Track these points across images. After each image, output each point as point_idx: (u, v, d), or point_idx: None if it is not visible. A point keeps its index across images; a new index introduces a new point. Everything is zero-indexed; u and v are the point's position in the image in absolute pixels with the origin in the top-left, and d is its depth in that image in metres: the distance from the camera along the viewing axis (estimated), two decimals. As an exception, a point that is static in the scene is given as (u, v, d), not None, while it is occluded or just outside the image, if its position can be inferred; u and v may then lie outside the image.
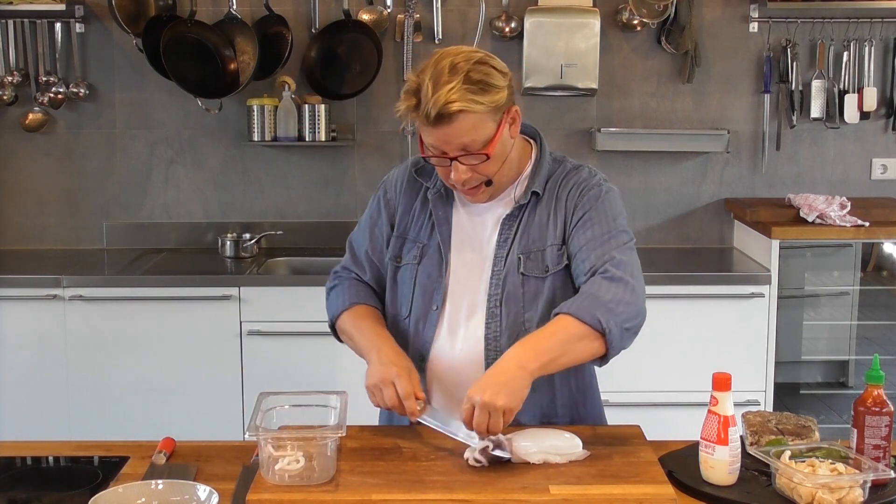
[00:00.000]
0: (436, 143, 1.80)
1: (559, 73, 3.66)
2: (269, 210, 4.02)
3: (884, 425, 1.72)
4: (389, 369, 1.83)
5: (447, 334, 1.94)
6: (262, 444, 1.66)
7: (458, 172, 1.83)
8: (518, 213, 1.94)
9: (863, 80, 3.91)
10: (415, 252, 1.98)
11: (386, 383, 1.81)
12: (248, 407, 3.41)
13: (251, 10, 3.86)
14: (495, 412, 1.67)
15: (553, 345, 1.75)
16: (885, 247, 3.79)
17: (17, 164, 3.99)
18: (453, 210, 1.98)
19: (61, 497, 1.72)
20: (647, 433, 1.88)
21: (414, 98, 1.78)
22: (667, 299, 3.41)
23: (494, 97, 1.78)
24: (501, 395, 1.67)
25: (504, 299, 1.91)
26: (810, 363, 3.91)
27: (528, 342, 1.76)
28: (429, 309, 1.95)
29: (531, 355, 1.73)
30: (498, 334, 1.91)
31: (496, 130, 1.81)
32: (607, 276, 1.83)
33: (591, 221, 1.90)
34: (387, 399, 1.81)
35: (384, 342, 1.92)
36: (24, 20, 3.85)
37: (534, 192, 1.93)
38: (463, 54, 1.79)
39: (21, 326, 3.47)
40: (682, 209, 4.04)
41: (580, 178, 1.96)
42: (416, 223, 2.00)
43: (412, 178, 2.02)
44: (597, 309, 1.77)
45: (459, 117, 1.75)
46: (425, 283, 1.96)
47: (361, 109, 3.94)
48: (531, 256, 1.91)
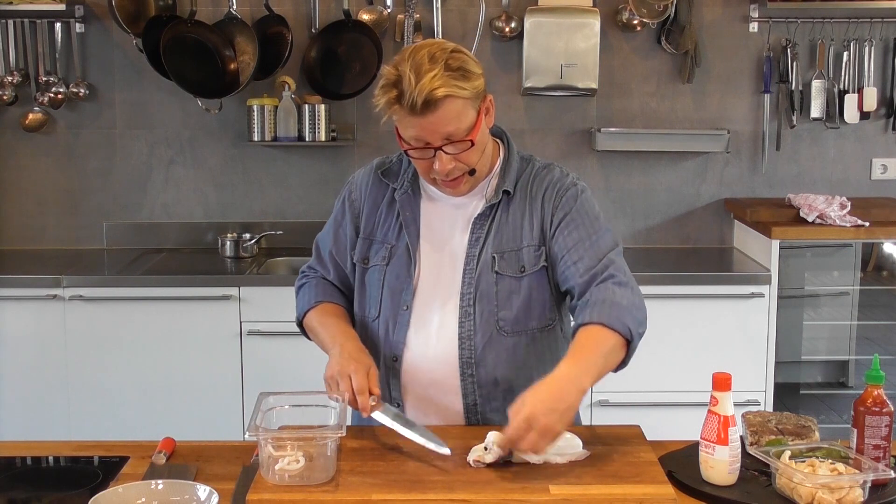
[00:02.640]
0: (419, 133, 1.80)
1: (559, 73, 3.66)
2: (269, 210, 4.02)
3: (884, 425, 1.72)
4: (348, 363, 1.85)
5: (419, 334, 1.94)
6: (262, 444, 1.66)
7: (442, 162, 1.82)
8: (490, 212, 1.94)
9: (863, 80, 3.91)
10: (383, 253, 1.98)
11: (342, 376, 1.83)
12: (248, 407, 3.41)
13: (251, 10, 3.86)
14: (547, 436, 1.63)
15: (599, 359, 1.75)
16: (885, 247, 3.79)
17: (17, 164, 3.99)
18: (420, 210, 1.98)
19: (61, 497, 1.72)
20: (647, 433, 1.88)
21: (394, 90, 1.77)
22: (667, 299, 3.41)
23: (475, 83, 1.80)
24: (562, 421, 1.65)
25: (477, 298, 1.91)
26: (810, 363, 3.91)
27: (579, 359, 1.74)
28: (398, 309, 1.95)
29: (585, 375, 1.71)
30: (472, 332, 1.91)
31: (477, 117, 1.82)
32: (616, 281, 1.84)
33: (574, 223, 1.91)
34: (342, 392, 1.82)
35: (347, 338, 1.94)
36: (24, 20, 3.85)
37: (505, 190, 1.94)
38: (436, 45, 1.81)
39: (21, 326, 3.47)
40: (682, 209, 4.04)
41: (553, 177, 1.96)
42: (382, 225, 2.00)
43: (377, 180, 2.03)
44: (624, 316, 1.79)
45: (445, 103, 1.76)
46: (394, 283, 1.96)
47: (361, 109, 3.94)
48: (505, 256, 1.91)
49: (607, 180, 3.99)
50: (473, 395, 1.93)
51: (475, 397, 1.93)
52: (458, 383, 1.93)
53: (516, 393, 1.72)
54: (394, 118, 1.82)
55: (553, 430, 1.64)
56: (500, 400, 1.91)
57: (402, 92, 1.76)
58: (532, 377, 1.80)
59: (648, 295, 1.92)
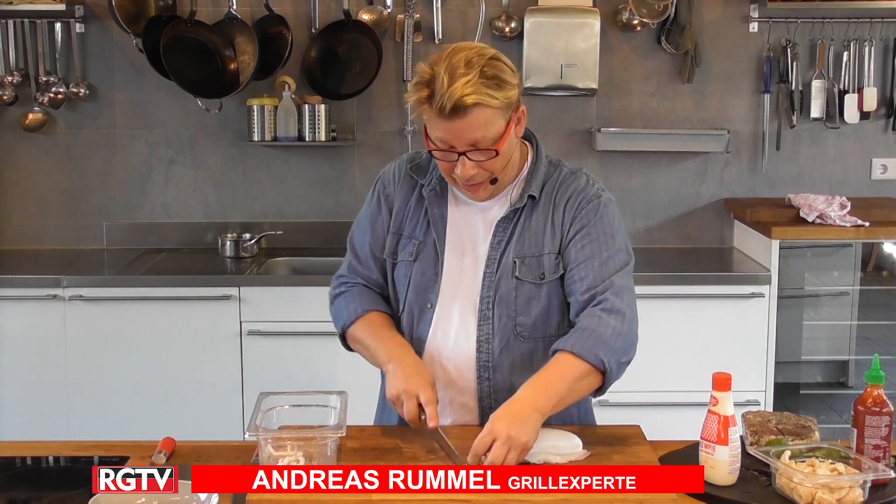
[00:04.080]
0: (445, 136, 1.79)
1: (559, 73, 3.66)
2: (269, 210, 4.02)
3: (884, 425, 1.72)
4: (413, 381, 1.82)
5: (439, 333, 1.94)
6: (262, 444, 1.66)
7: (464, 168, 1.81)
8: (514, 216, 1.93)
9: (863, 80, 3.91)
10: (410, 249, 1.97)
11: (409, 396, 1.81)
12: (248, 407, 3.41)
13: (251, 10, 3.86)
14: (515, 448, 1.66)
15: (561, 386, 1.77)
16: (885, 247, 3.79)
17: (17, 164, 3.99)
18: (448, 208, 1.97)
19: (61, 497, 1.72)
20: (647, 433, 1.88)
21: (426, 89, 1.76)
22: (667, 299, 3.41)
23: (507, 93, 1.78)
24: (524, 432, 1.67)
25: (496, 302, 1.91)
26: (810, 363, 3.91)
27: (539, 384, 1.76)
28: (423, 307, 1.95)
29: (544, 399, 1.74)
30: (490, 336, 1.91)
31: (506, 127, 1.81)
32: (606, 307, 1.83)
33: (588, 237, 1.89)
34: (407, 412, 1.80)
35: (404, 352, 1.91)
36: (24, 20, 3.85)
37: (530, 195, 1.92)
38: (475, 49, 1.79)
39: (21, 326, 3.47)
40: (682, 209, 4.04)
41: (578, 185, 1.94)
42: (411, 220, 1.98)
43: (407, 175, 2.01)
44: (599, 348, 1.79)
45: (474, 111, 1.75)
46: (419, 280, 1.95)
47: (361, 109, 3.94)
48: (526, 261, 1.91)
49: (607, 180, 3.99)
50: (489, 399, 1.92)
51: (490, 400, 1.92)
52: (474, 385, 1.93)
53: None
54: (423, 117, 1.81)
55: (519, 440, 1.66)
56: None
57: (433, 92, 1.75)
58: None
59: (648, 295, 1.92)
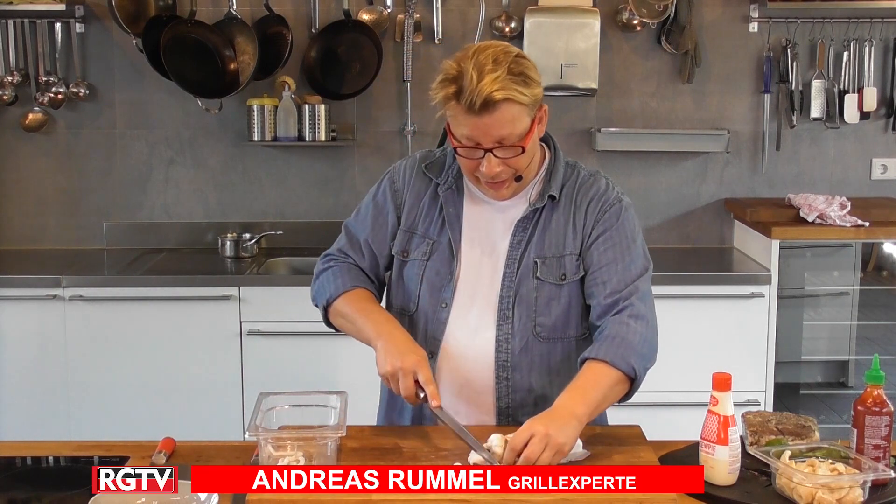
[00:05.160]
0: (472, 133, 1.79)
1: (559, 73, 3.66)
2: (269, 210, 4.02)
3: (884, 425, 1.72)
4: (408, 358, 1.81)
5: (456, 333, 1.93)
6: (262, 444, 1.66)
7: (490, 165, 1.81)
8: (533, 215, 1.93)
9: (863, 80, 3.91)
10: (424, 248, 1.96)
11: (406, 373, 1.80)
12: (248, 407, 3.41)
13: (251, 10, 3.86)
14: (551, 447, 1.65)
15: (598, 394, 1.77)
16: (885, 247, 3.79)
17: (17, 164, 3.99)
18: (464, 208, 1.97)
19: (61, 497, 1.72)
20: (647, 433, 1.88)
21: (453, 85, 1.76)
22: (666, 299, 3.38)
23: (534, 91, 1.80)
24: (562, 434, 1.67)
25: (517, 302, 1.91)
26: (810, 363, 3.91)
27: (576, 393, 1.76)
28: (437, 306, 1.94)
29: (582, 406, 1.73)
30: (510, 336, 1.91)
31: (531, 125, 1.81)
32: (633, 313, 1.85)
33: (611, 241, 1.91)
34: (404, 388, 1.79)
35: (394, 327, 1.89)
36: (24, 20, 3.85)
37: (550, 195, 1.92)
38: (500, 47, 1.80)
39: (21, 326, 3.47)
40: (682, 209, 4.04)
41: (599, 188, 1.95)
42: (424, 219, 1.98)
43: (421, 173, 2.01)
44: (630, 356, 1.81)
45: (503, 106, 1.75)
46: (433, 280, 1.94)
47: (361, 109, 3.94)
48: (547, 262, 1.91)
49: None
50: (507, 399, 1.92)
51: (508, 401, 1.92)
52: (492, 385, 1.92)
53: (549, 400, 1.76)
54: (448, 114, 1.81)
55: (556, 439, 1.65)
56: (532, 405, 1.90)
57: (461, 89, 1.75)
58: (565, 385, 1.80)
59: (648, 295, 1.92)
